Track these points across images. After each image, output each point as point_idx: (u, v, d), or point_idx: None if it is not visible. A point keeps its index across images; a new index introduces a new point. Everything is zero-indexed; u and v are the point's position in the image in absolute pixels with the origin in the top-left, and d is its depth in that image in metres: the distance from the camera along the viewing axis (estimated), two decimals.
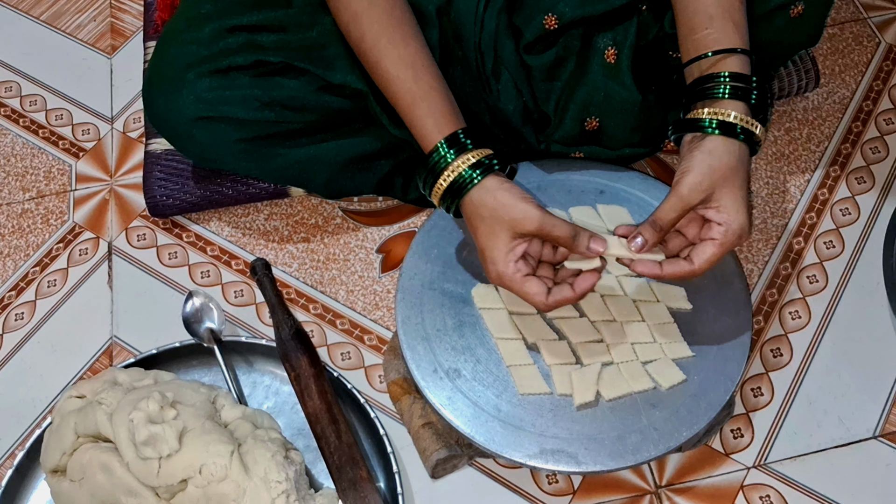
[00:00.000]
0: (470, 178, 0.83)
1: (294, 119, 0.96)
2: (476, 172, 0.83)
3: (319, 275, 1.06)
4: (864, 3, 1.25)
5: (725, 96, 0.81)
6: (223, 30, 0.95)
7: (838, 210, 1.07)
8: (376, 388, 0.98)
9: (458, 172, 0.83)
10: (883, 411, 0.93)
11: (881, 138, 1.13)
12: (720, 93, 0.81)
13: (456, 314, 0.91)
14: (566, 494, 0.90)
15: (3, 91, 1.26)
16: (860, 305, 1.00)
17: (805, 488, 0.89)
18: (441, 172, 0.84)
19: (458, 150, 0.84)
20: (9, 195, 1.17)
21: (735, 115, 0.80)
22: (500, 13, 0.94)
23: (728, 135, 0.80)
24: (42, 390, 1.00)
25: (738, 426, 0.93)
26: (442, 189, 0.85)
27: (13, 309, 1.07)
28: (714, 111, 0.81)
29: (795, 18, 0.91)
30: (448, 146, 0.84)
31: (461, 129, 0.85)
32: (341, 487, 0.86)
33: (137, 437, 0.78)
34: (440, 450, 0.89)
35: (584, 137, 0.99)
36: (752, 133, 0.81)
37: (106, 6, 1.35)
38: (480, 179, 0.83)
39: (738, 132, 0.80)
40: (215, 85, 0.94)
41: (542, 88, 0.97)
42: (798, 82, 1.14)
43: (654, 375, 0.86)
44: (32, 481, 0.91)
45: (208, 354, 0.97)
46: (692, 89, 0.84)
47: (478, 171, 0.83)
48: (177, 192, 1.09)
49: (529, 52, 0.95)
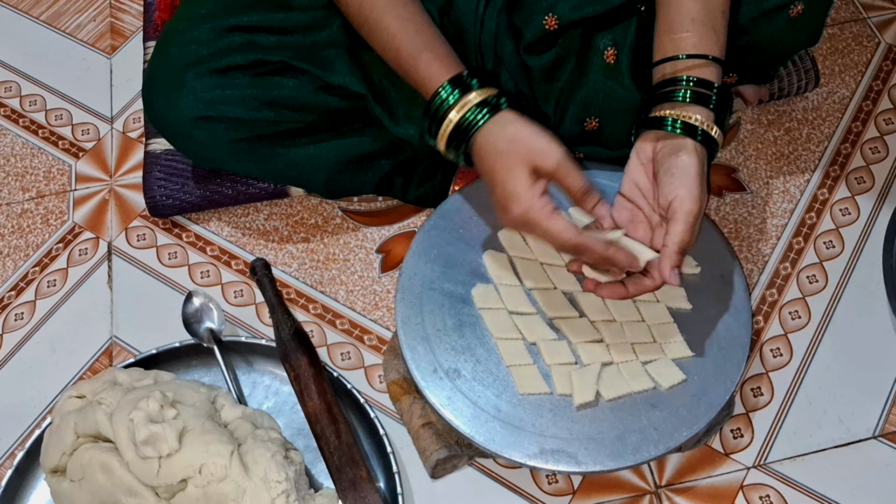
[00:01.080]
0: (475, 117, 0.82)
1: (293, 119, 0.96)
2: (484, 111, 0.82)
3: (319, 275, 1.06)
4: (864, 3, 1.25)
5: (688, 100, 0.82)
6: (222, 29, 0.95)
7: (838, 210, 1.07)
8: (376, 388, 0.98)
9: (464, 112, 0.82)
10: (883, 411, 0.93)
11: (881, 138, 1.13)
12: (682, 96, 0.82)
13: (456, 314, 0.91)
14: (566, 494, 0.90)
15: (3, 91, 1.26)
16: (860, 305, 1.00)
17: (805, 488, 0.89)
18: (445, 114, 0.83)
19: (463, 90, 0.83)
20: (8, 195, 1.17)
21: (697, 118, 0.81)
22: (500, 13, 0.94)
23: (689, 136, 0.81)
24: (42, 390, 1.00)
25: (737, 426, 0.93)
26: (448, 130, 0.83)
27: (13, 309, 1.07)
28: (677, 113, 0.82)
29: (795, 18, 0.91)
30: (452, 86, 0.83)
31: (465, 71, 0.84)
32: (341, 487, 0.86)
33: (137, 436, 0.78)
34: (440, 450, 0.89)
35: (583, 138, 0.99)
36: (711, 137, 0.82)
37: (106, 6, 1.35)
38: (489, 117, 0.82)
39: (698, 134, 0.81)
40: (215, 85, 0.94)
41: (542, 89, 0.97)
42: (798, 82, 1.14)
43: (654, 375, 0.86)
44: (32, 481, 0.91)
45: (208, 354, 0.97)
46: (657, 89, 0.84)
47: (485, 109, 0.82)
48: (176, 193, 1.09)
49: (529, 52, 0.95)
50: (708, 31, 0.83)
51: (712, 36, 0.83)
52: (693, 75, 0.82)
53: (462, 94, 0.83)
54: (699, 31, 0.83)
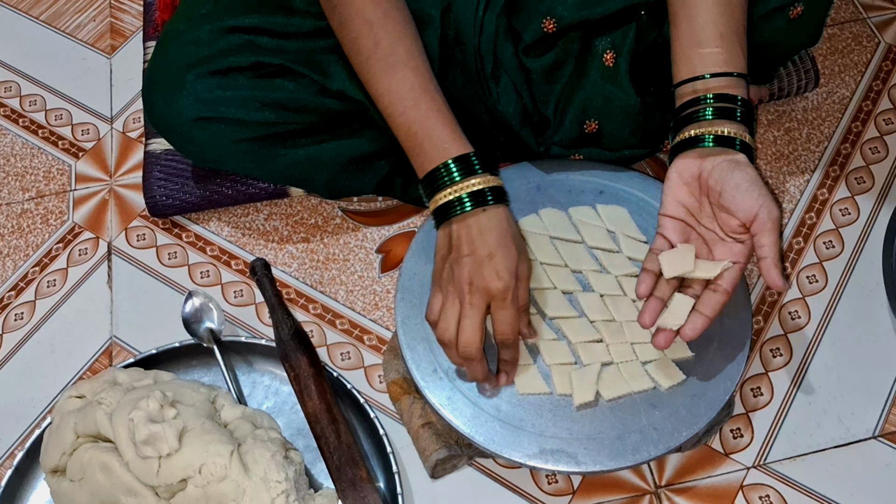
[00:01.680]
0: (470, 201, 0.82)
1: (294, 120, 0.96)
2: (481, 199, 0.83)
3: (319, 275, 1.06)
4: (863, 3, 1.25)
5: (712, 117, 0.81)
6: (223, 30, 0.95)
7: (838, 210, 1.07)
8: (376, 388, 0.98)
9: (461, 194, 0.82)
10: (882, 411, 0.93)
11: (881, 138, 1.13)
12: (708, 114, 0.82)
13: None
14: (566, 494, 0.90)
15: (3, 91, 1.26)
16: (860, 305, 1.00)
17: (805, 488, 0.89)
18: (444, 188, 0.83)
19: (467, 173, 0.83)
20: (8, 195, 1.17)
21: (728, 130, 0.81)
22: (499, 16, 0.94)
23: (727, 146, 0.81)
24: (42, 390, 1.00)
25: (737, 426, 0.93)
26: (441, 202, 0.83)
27: (13, 309, 1.07)
28: (708, 130, 0.81)
29: (795, 19, 0.91)
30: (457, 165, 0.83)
31: (472, 152, 0.84)
32: (341, 487, 0.86)
33: (137, 435, 0.78)
34: (440, 450, 0.89)
35: (583, 139, 0.99)
36: (748, 146, 0.82)
37: (106, 6, 1.35)
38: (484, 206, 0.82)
39: (736, 144, 0.81)
40: (215, 86, 0.94)
41: (542, 91, 0.97)
42: (798, 82, 1.14)
43: (654, 375, 0.86)
44: (32, 481, 0.91)
45: (208, 354, 0.97)
46: (682, 110, 0.84)
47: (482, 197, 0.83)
48: (176, 193, 1.09)
49: (528, 54, 0.95)
50: (736, 47, 0.83)
51: (740, 52, 0.83)
52: (718, 92, 0.82)
53: (465, 175, 0.83)
54: (728, 47, 0.82)
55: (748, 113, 0.82)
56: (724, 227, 0.82)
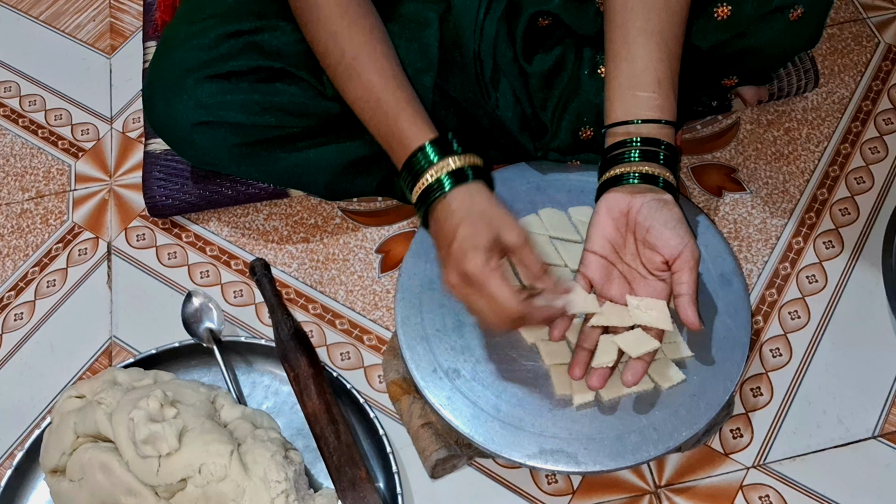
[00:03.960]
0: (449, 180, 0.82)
1: (294, 124, 0.97)
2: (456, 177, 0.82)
3: (319, 275, 1.06)
4: (863, 3, 1.25)
5: (637, 159, 0.83)
6: (223, 35, 0.95)
7: (838, 210, 1.07)
8: (376, 388, 0.98)
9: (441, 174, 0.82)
10: (882, 411, 0.93)
11: (880, 138, 1.13)
12: (632, 156, 0.83)
13: (455, 314, 0.91)
14: (566, 494, 0.90)
15: (3, 91, 1.26)
16: (859, 305, 1.00)
17: (804, 488, 0.89)
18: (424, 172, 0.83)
19: (444, 152, 0.83)
20: (8, 195, 1.17)
21: (651, 170, 0.82)
22: (499, 21, 0.94)
23: (651, 184, 0.82)
24: (41, 390, 1.00)
25: (737, 426, 0.93)
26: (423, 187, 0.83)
27: (12, 309, 1.07)
28: (632, 169, 0.82)
29: (795, 21, 0.91)
30: (434, 146, 0.83)
31: (449, 133, 0.85)
32: (340, 487, 0.86)
33: (137, 435, 0.78)
34: (439, 450, 0.89)
35: (579, 146, 0.99)
36: (671, 185, 0.83)
37: (105, 6, 1.35)
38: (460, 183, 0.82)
39: (659, 183, 0.82)
40: (215, 90, 0.94)
41: (540, 96, 0.97)
42: (797, 82, 1.14)
43: (654, 375, 0.86)
44: (32, 481, 0.91)
45: (208, 354, 0.97)
46: (609, 152, 0.84)
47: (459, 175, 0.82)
48: (176, 193, 1.09)
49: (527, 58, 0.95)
50: (670, 94, 0.83)
51: (672, 100, 0.84)
52: (645, 136, 0.82)
53: (443, 156, 0.83)
54: (663, 93, 0.83)
55: (672, 157, 0.83)
56: (647, 264, 0.83)
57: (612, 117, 0.84)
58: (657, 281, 0.83)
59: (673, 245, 0.80)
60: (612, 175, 0.84)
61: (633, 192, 0.83)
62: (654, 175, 0.82)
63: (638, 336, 0.82)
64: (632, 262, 0.84)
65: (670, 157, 0.83)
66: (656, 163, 0.82)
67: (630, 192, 0.83)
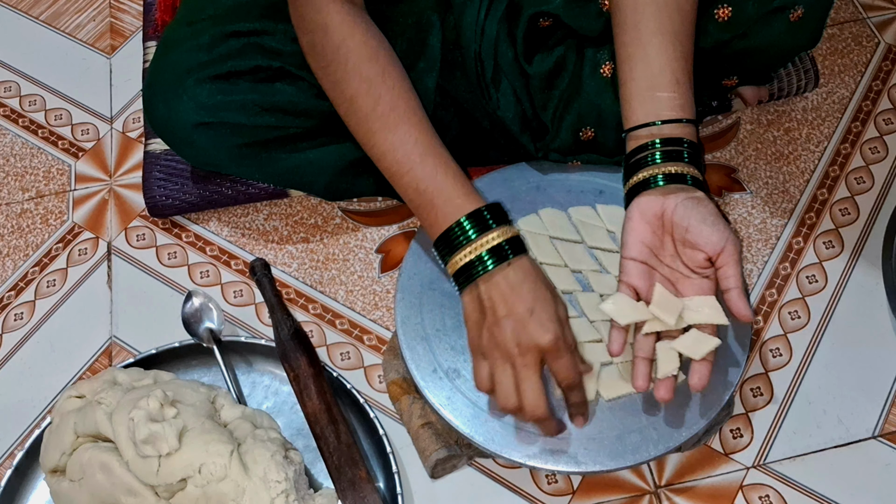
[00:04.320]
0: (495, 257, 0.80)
1: (294, 124, 0.97)
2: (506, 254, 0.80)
3: (319, 275, 1.06)
4: (863, 3, 1.25)
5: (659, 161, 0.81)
6: (223, 35, 0.95)
7: (838, 210, 1.07)
8: (376, 388, 0.98)
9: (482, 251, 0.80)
10: (882, 411, 0.93)
11: (880, 138, 1.13)
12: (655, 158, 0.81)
13: (456, 314, 0.91)
14: (566, 494, 0.90)
15: (3, 91, 1.26)
16: (860, 305, 1.00)
17: (804, 488, 0.89)
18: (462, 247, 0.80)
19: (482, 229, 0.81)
20: (8, 195, 1.17)
21: (676, 170, 0.81)
22: (500, 22, 0.94)
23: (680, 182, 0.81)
24: (42, 390, 1.00)
25: (737, 426, 0.93)
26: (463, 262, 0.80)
27: (13, 309, 1.07)
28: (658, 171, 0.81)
29: (795, 22, 0.91)
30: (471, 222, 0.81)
31: (483, 206, 0.82)
32: (340, 487, 0.86)
33: (138, 434, 0.78)
34: (439, 450, 0.89)
35: (579, 147, 0.99)
36: (698, 179, 0.82)
37: (105, 6, 1.35)
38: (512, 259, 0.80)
39: (687, 181, 0.81)
40: (215, 91, 0.94)
41: (541, 97, 0.97)
42: (797, 82, 1.14)
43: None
44: (32, 481, 0.91)
45: (208, 354, 0.97)
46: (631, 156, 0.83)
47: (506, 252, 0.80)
48: (176, 193, 1.09)
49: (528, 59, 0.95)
50: (688, 92, 0.82)
51: (691, 98, 0.83)
52: (666, 136, 0.81)
53: (480, 232, 0.80)
54: (683, 92, 0.82)
55: (695, 154, 0.82)
56: (689, 263, 0.81)
57: (633, 120, 0.83)
58: (701, 278, 0.81)
59: (715, 241, 0.79)
60: (638, 180, 0.82)
61: (664, 193, 0.81)
62: (682, 174, 0.81)
63: (696, 337, 0.81)
64: (672, 263, 0.82)
65: (694, 155, 0.82)
66: (681, 162, 0.81)
67: (662, 193, 0.81)
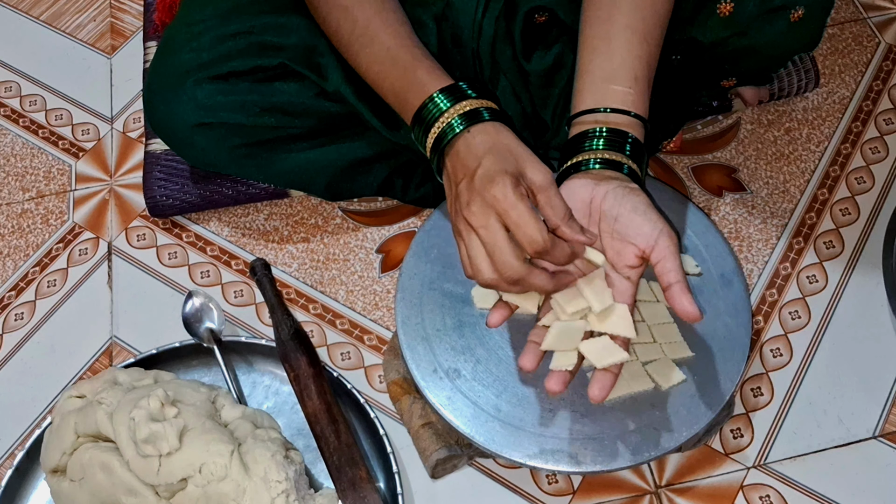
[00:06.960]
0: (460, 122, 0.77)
1: (294, 124, 0.97)
2: (472, 118, 0.78)
3: (319, 275, 1.06)
4: (864, 3, 1.25)
5: (601, 147, 0.78)
6: (222, 35, 0.95)
7: (838, 210, 1.07)
8: (376, 388, 0.98)
9: (452, 118, 0.77)
10: (883, 411, 0.93)
11: (881, 138, 1.13)
12: (596, 145, 0.78)
13: (456, 314, 0.91)
14: (566, 494, 0.90)
15: (3, 91, 1.26)
16: (860, 305, 1.00)
17: (805, 488, 0.89)
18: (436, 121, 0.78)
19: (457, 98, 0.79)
20: (8, 195, 1.17)
21: (614, 157, 0.78)
22: (497, 19, 0.94)
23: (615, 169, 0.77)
24: (42, 390, 1.00)
25: (737, 426, 0.93)
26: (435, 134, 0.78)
27: (13, 309, 1.07)
28: (595, 156, 0.78)
29: (796, 23, 0.91)
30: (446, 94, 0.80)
31: (462, 81, 0.81)
32: (341, 487, 0.86)
33: (138, 434, 0.78)
34: (440, 450, 0.89)
35: None
36: (634, 171, 0.78)
37: (106, 6, 1.35)
38: (476, 123, 0.77)
39: (623, 169, 0.77)
40: (215, 91, 0.94)
41: (540, 95, 0.97)
42: (798, 82, 1.14)
43: (654, 375, 0.86)
44: (32, 481, 0.91)
45: (208, 354, 0.97)
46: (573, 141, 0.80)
47: (474, 116, 0.78)
48: (177, 193, 1.09)
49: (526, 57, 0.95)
50: (645, 93, 0.80)
51: (646, 100, 0.80)
52: (610, 126, 0.79)
53: (455, 101, 0.79)
54: (639, 90, 0.79)
55: (638, 152, 0.79)
56: (614, 260, 0.77)
57: (580, 107, 0.80)
58: (622, 280, 0.77)
59: (647, 231, 0.74)
60: (571, 163, 0.78)
61: (596, 179, 0.76)
62: (619, 162, 0.77)
63: (605, 345, 0.77)
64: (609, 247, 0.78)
65: (636, 152, 0.78)
66: (621, 153, 0.78)
67: (593, 178, 0.77)
